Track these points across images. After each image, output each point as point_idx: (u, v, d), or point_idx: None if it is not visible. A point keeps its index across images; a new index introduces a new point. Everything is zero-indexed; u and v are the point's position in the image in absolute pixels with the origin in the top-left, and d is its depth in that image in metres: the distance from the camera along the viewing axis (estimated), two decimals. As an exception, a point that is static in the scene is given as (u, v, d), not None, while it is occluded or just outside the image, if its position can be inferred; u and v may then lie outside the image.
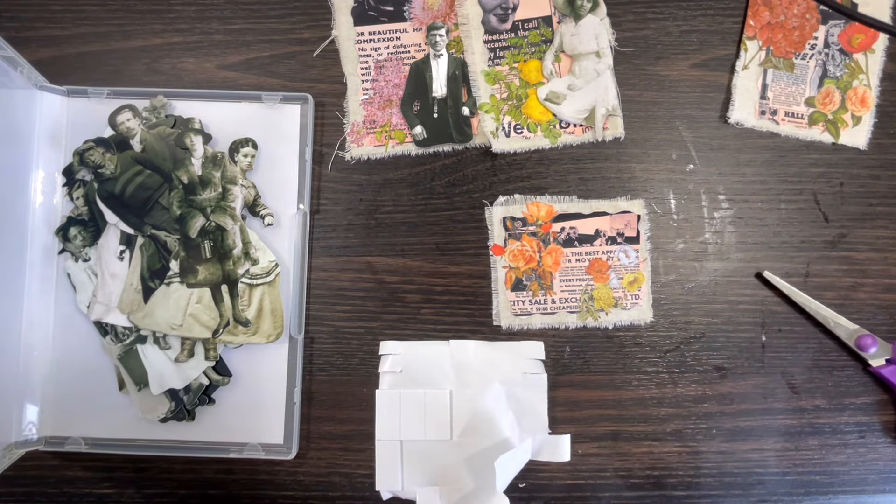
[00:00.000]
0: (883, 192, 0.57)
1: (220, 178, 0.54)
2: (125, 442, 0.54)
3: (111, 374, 0.54)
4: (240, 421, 0.54)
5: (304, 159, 0.56)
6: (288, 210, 0.56)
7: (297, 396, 0.54)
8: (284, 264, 0.55)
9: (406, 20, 0.58)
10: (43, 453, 0.54)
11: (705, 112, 0.58)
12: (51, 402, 0.54)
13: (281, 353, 0.54)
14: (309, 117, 0.56)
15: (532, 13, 0.58)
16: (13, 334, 0.53)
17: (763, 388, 0.55)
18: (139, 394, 0.54)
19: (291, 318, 0.54)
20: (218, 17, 0.58)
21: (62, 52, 0.57)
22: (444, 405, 0.53)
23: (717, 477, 0.55)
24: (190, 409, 0.53)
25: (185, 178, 0.54)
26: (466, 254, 0.56)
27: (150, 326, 0.54)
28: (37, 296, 0.54)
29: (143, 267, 0.54)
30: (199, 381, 0.54)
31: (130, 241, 0.54)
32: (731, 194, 0.57)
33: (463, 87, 0.57)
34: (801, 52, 0.58)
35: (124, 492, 0.54)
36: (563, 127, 0.57)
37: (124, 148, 0.55)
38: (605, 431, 0.55)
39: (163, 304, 0.54)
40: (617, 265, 0.56)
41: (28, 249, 0.54)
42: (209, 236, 0.54)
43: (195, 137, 0.54)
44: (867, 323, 0.55)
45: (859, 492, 0.55)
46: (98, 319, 0.54)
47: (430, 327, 0.56)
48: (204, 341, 0.54)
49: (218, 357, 0.54)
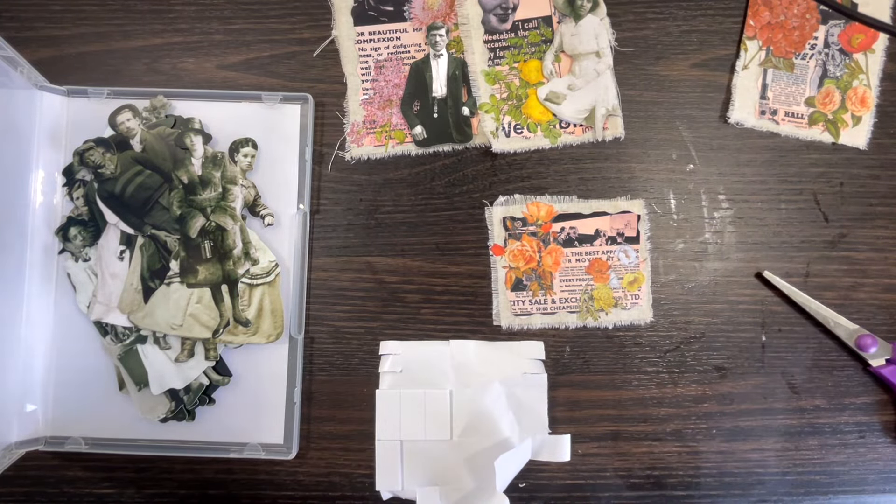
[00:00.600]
0: (883, 192, 0.57)
1: (221, 178, 0.54)
2: (125, 442, 0.54)
3: (111, 374, 0.54)
4: (240, 421, 0.54)
5: (304, 159, 0.56)
6: (288, 210, 0.56)
7: (298, 396, 0.54)
8: (284, 264, 0.55)
9: (406, 20, 0.58)
10: (43, 453, 0.54)
11: (705, 112, 0.58)
12: (51, 402, 0.54)
13: (281, 353, 0.54)
14: (309, 117, 0.56)
15: (532, 13, 0.58)
16: (13, 334, 0.53)
17: (763, 388, 0.55)
18: (139, 394, 0.54)
19: (291, 318, 0.54)
20: (218, 17, 0.58)
21: (62, 52, 0.57)
22: (444, 405, 0.53)
23: (717, 477, 0.55)
24: (190, 409, 0.53)
25: (185, 178, 0.54)
26: (466, 254, 0.56)
27: (150, 326, 0.54)
28: (37, 296, 0.54)
29: (143, 267, 0.54)
30: (199, 381, 0.54)
31: (130, 241, 0.54)
32: (731, 194, 0.57)
33: (463, 87, 0.57)
34: (801, 52, 0.58)
35: (124, 492, 0.54)
36: (563, 127, 0.57)
37: (124, 148, 0.55)
38: (605, 431, 0.55)
39: (163, 304, 0.54)
40: (617, 265, 0.56)
41: (28, 249, 0.54)
42: (209, 236, 0.54)
43: (195, 137, 0.54)
44: (867, 323, 0.55)
45: (859, 492, 0.55)
46: (98, 319, 0.54)
47: (430, 327, 0.56)
48: (204, 341, 0.54)
49: (218, 357, 0.54)
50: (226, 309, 0.54)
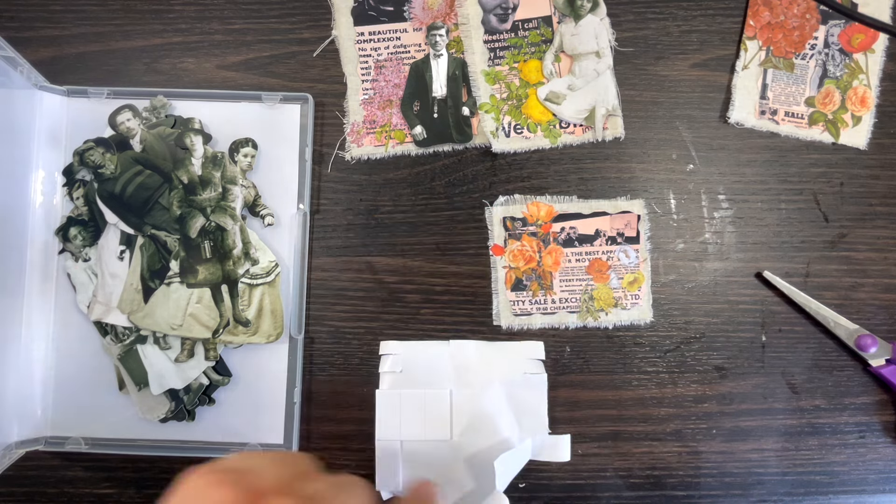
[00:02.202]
0: (883, 192, 0.57)
1: (220, 177, 0.54)
2: (125, 442, 0.54)
3: (111, 374, 0.54)
4: (240, 421, 0.54)
5: (304, 159, 0.56)
6: (288, 210, 0.56)
7: (298, 396, 0.54)
8: (284, 264, 0.55)
9: (406, 20, 0.58)
10: (43, 453, 0.54)
11: (705, 112, 0.58)
12: (51, 402, 0.54)
13: (281, 353, 0.54)
14: (309, 117, 0.56)
15: (532, 13, 0.58)
16: (13, 334, 0.53)
17: (763, 388, 0.55)
18: (139, 394, 0.54)
19: (291, 317, 0.54)
20: (218, 17, 0.58)
21: (62, 52, 0.57)
22: (444, 405, 0.53)
23: (717, 477, 0.55)
24: (190, 409, 0.53)
25: (185, 178, 0.54)
26: (466, 254, 0.56)
27: (150, 326, 0.54)
28: (37, 296, 0.54)
29: (142, 267, 0.54)
30: (199, 381, 0.54)
31: (130, 241, 0.54)
32: (731, 194, 0.57)
33: (463, 87, 0.57)
34: (801, 52, 0.58)
35: (124, 492, 0.54)
36: (563, 127, 0.57)
37: (124, 148, 0.55)
38: (605, 431, 0.55)
39: (163, 304, 0.54)
40: (617, 265, 0.56)
41: (28, 249, 0.54)
42: (209, 236, 0.54)
43: (195, 137, 0.54)
44: (867, 323, 0.55)
45: (859, 492, 0.55)
46: (98, 319, 0.54)
47: (430, 327, 0.56)
48: (204, 341, 0.54)
49: (218, 357, 0.54)
50: (226, 309, 0.54)
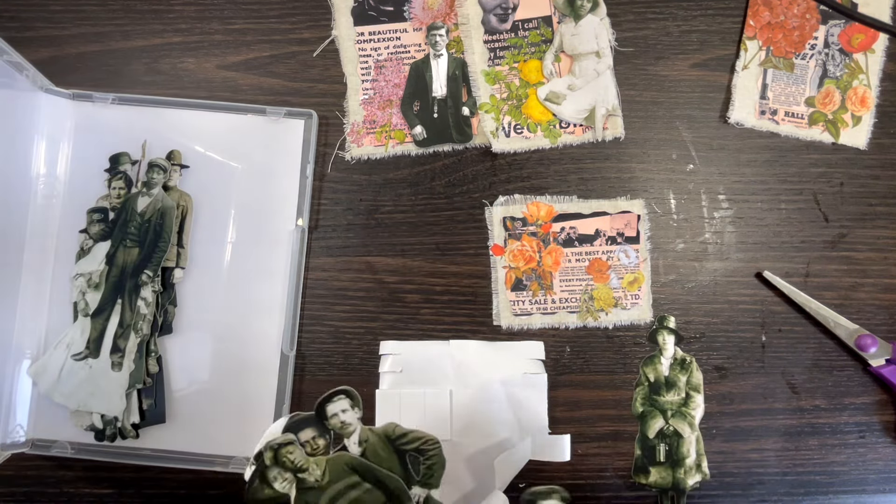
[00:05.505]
0: (883, 192, 0.57)
1: (686, 383, 0.53)
2: (110, 449, 0.53)
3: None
4: (227, 434, 0.53)
5: (304, 176, 0.55)
6: (286, 226, 0.55)
7: (287, 413, 0.53)
8: (280, 279, 0.54)
9: (406, 20, 0.58)
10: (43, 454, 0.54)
11: (705, 112, 0.58)
12: (37, 405, 0.53)
13: (271, 370, 0.54)
14: (312, 133, 0.55)
15: (532, 13, 0.58)
16: (5, 336, 0.52)
17: (763, 388, 0.55)
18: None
19: (284, 334, 0.54)
20: (218, 17, 0.58)
21: (62, 52, 0.57)
22: (444, 405, 0.53)
23: (717, 477, 0.55)
24: (112, 434, 0.52)
25: (651, 376, 0.52)
26: (466, 254, 0.56)
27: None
28: (31, 298, 0.54)
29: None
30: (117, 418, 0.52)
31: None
32: (731, 194, 0.57)
33: (463, 87, 0.57)
34: (801, 52, 0.58)
35: (124, 492, 0.54)
36: (563, 127, 0.57)
37: (336, 445, 0.44)
38: (605, 431, 0.55)
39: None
40: (617, 265, 0.56)
41: (25, 252, 0.54)
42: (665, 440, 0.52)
43: (668, 336, 0.53)
44: (867, 323, 0.55)
45: (859, 492, 0.55)
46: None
47: (430, 327, 0.56)
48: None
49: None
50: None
